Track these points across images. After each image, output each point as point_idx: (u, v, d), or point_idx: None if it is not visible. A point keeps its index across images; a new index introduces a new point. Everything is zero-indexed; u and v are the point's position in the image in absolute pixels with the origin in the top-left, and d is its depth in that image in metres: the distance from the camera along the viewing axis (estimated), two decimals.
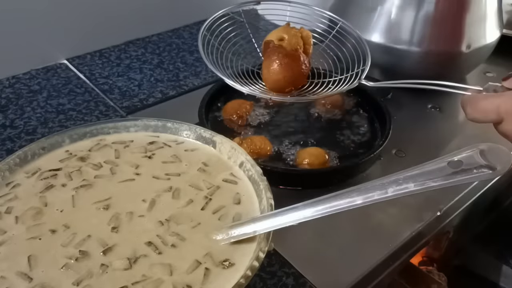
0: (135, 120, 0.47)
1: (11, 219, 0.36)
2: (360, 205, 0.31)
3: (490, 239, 0.86)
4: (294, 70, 0.55)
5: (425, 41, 0.68)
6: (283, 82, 0.55)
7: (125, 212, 0.37)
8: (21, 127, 0.64)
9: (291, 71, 0.55)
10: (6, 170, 0.40)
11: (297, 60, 0.55)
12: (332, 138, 0.62)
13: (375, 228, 0.52)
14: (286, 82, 0.55)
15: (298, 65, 0.55)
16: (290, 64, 0.54)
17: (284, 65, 0.54)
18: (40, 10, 0.73)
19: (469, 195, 0.59)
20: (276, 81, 0.55)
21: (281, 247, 0.48)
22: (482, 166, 0.28)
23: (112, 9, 0.81)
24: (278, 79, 0.55)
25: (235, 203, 0.39)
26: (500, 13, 0.73)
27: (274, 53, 0.55)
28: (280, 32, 0.60)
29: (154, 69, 0.79)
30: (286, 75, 0.54)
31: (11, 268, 0.33)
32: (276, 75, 0.55)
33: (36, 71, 0.76)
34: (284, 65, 0.54)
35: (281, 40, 0.59)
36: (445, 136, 0.68)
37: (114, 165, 0.42)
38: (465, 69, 0.76)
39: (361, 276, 0.47)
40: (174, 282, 0.32)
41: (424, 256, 0.77)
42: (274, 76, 0.55)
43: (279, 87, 0.56)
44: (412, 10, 0.67)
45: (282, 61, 0.54)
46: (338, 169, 0.57)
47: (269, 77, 0.56)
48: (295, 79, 0.56)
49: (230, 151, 0.44)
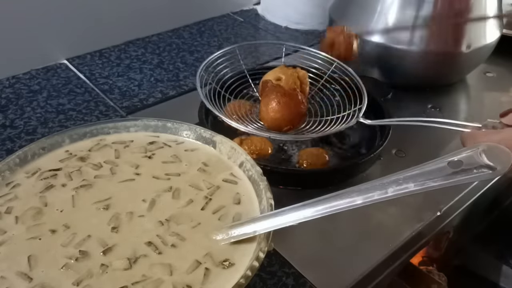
0: (135, 120, 0.47)
1: (11, 219, 0.36)
2: (360, 205, 0.31)
3: (490, 239, 0.86)
4: (292, 109, 0.56)
5: (425, 41, 0.68)
6: (281, 121, 0.56)
7: (125, 212, 0.37)
8: (21, 127, 0.64)
9: (289, 110, 0.55)
10: (6, 170, 0.40)
11: (295, 99, 0.56)
12: (332, 137, 0.62)
13: (375, 228, 0.52)
14: (285, 120, 0.56)
15: (296, 104, 0.56)
16: (288, 103, 0.55)
17: (282, 104, 0.55)
18: (40, 10, 0.73)
19: (469, 195, 0.59)
20: (275, 119, 0.56)
21: (281, 247, 0.48)
22: (482, 166, 0.28)
23: (112, 9, 0.81)
24: (276, 118, 0.56)
25: (235, 203, 0.39)
26: (500, 13, 0.73)
27: (272, 92, 0.56)
28: (277, 73, 0.62)
29: (154, 69, 0.79)
30: (284, 114, 0.55)
31: (11, 268, 0.33)
32: (274, 114, 0.55)
33: (36, 71, 0.76)
34: (283, 104, 0.55)
35: (279, 80, 0.60)
36: (445, 136, 0.68)
37: (114, 165, 0.42)
38: (465, 69, 0.76)
39: (361, 276, 0.47)
40: (174, 282, 0.32)
41: (424, 256, 0.77)
42: (273, 115, 0.56)
43: (277, 126, 0.56)
44: (412, 10, 0.67)
45: (281, 100, 0.55)
46: (338, 169, 0.57)
47: (268, 116, 0.56)
48: (293, 118, 0.56)
49: (230, 151, 0.44)
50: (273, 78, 0.61)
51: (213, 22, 0.96)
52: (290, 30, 0.96)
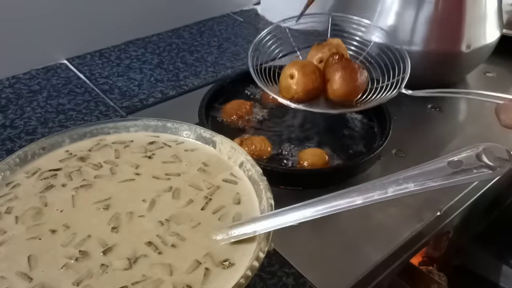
0: (135, 120, 0.47)
1: (11, 219, 0.36)
2: (360, 205, 0.31)
3: (490, 239, 0.86)
4: (359, 79, 0.57)
5: (425, 41, 0.68)
6: (353, 92, 0.56)
7: (125, 212, 0.37)
8: (21, 127, 0.64)
9: (357, 81, 0.56)
10: (6, 170, 0.40)
11: (360, 70, 0.57)
12: (332, 138, 0.62)
13: (375, 228, 0.52)
14: (356, 91, 0.57)
15: (361, 74, 0.57)
16: (356, 74, 0.56)
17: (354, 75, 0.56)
18: (40, 10, 0.73)
19: (469, 195, 0.59)
20: (348, 91, 0.56)
21: (281, 247, 0.48)
22: (482, 166, 0.28)
23: (112, 9, 0.81)
24: (349, 89, 0.56)
25: (235, 203, 0.39)
26: (500, 13, 0.73)
27: (347, 66, 0.56)
28: (316, 54, 0.61)
29: (154, 69, 0.79)
30: (355, 85, 0.56)
31: (11, 268, 0.33)
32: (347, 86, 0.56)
33: (36, 71, 0.76)
34: (354, 75, 0.56)
35: (321, 62, 0.60)
36: (445, 136, 0.68)
37: (114, 165, 0.42)
38: (465, 69, 0.76)
39: (361, 276, 0.47)
40: (174, 282, 0.32)
41: (424, 256, 0.77)
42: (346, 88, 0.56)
43: (349, 97, 0.57)
44: (412, 10, 0.67)
45: (359, 71, 0.56)
46: (338, 169, 0.57)
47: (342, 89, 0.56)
48: (361, 88, 0.57)
49: (230, 151, 0.44)
50: (316, 60, 0.60)
51: (213, 22, 0.96)
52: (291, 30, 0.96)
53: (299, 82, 0.55)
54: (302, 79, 0.55)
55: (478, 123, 0.71)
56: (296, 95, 0.56)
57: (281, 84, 0.57)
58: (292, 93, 0.56)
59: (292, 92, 0.56)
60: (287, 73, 0.56)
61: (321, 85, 0.57)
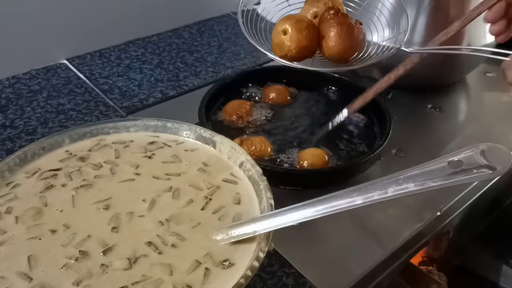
0: (135, 120, 0.47)
1: (11, 219, 0.36)
2: (360, 205, 0.31)
3: (490, 239, 0.86)
4: (356, 35, 0.54)
5: (425, 41, 0.68)
6: (350, 49, 0.53)
7: (125, 212, 0.37)
8: (21, 127, 0.64)
9: (353, 37, 0.53)
10: (6, 170, 0.40)
11: (356, 26, 0.54)
12: (332, 138, 0.62)
13: (375, 228, 0.52)
14: (352, 48, 0.53)
15: (358, 30, 0.54)
16: (352, 30, 0.53)
17: (351, 31, 0.53)
18: (40, 10, 0.73)
19: (469, 195, 0.59)
20: (345, 49, 0.53)
21: (281, 247, 0.48)
22: (482, 166, 0.28)
23: (112, 9, 0.81)
24: (345, 46, 0.53)
25: (235, 203, 0.39)
26: None
27: (343, 21, 0.52)
28: (310, 8, 0.57)
29: (154, 69, 0.79)
30: (351, 41, 0.53)
31: (11, 268, 0.33)
32: (343, 43, 0.52)
33: (36, 71, 0.76)
34: (351, 31, 0.53)
35: (316, 17, 0.56)
36: (445, 136, 0.68)
37: (114, 165, 0.42)
38: (465, 69, 0.76)
39: (361, 276, 0.47)
40: (174, 282, 0.32)
41: (424, 256, 0.77)
42: (342, 45, 0.52)
43: (345, 55, 0.53)
44: (412, 10, 0.67)
45: (356, 27, 0.53)
46: (338, 169, 0.57)
47: (338, 47, 0.52)
48: (358, 44, 0.54)
49: (230, 151, 0.44)
50: (310, 15, 0.57)
51: (213, 22, 0.96)
52: None
53: (293, 38, 0.51)
54: (295, 35, 0.51)
55: (478, 123, 0.71)
56: (289, 53, 0.52)
57: (273, 40, 0.54)
58: (285, 50, 0.52)
59: (286, 49, 0.52)
60: (280, 28, 0.52)
61: (316, 42, 0.53)
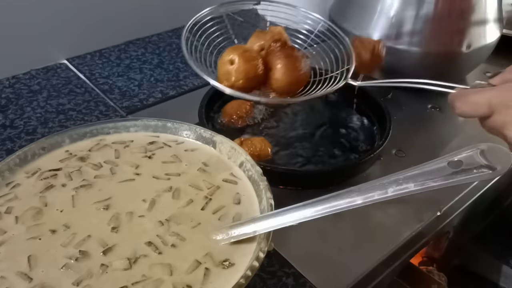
0: (135, 120, 0.47)
1: (11, 219, 0.36)
2: (360, 205, 0.31)
3: (490, 239, 0.86)
4: (302, 68, 0.53)
5: (425, 41, 0.68)
6: (297, 82, 0.53)
7: (125, 212, 0.37)
8: (21, 127, 0.64)
9: (298, 71, 0.53)
10: (6, 170, 0.40)
11: (303, 59, 0.54)
12: (332, 138, 0.63)
13: (375, 228, 0.52)
14: (299, 81, 0.53)
15: (304, 63, 0.54)
16: (298, 64, 0.53)
17: (296, 65, 0.52)
18: (40, 10, 0.73)
19: (469, 195, 0.59)
20: (293, 80, 0.52)
21: (281, 247, 0.48)
22: (482, 166, 0.28)
23: (112, 9, 0.81)
24: (295, 78, 0.52)
25: (235, 203, 0.39)
26: (500, 13, 0.73)
27: (291, 54, 0.52)
28: (257, 40, 0.57)
29: (154, 69, 0.79)
30: (297, 75, 0.52)
31: (11, 268, 0.33)
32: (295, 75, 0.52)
33: (36, 71, 0.76)
34: (296, 66, 0.52)
35: (262, 50, 0.56)
36: (445, 136, 0.68)
37: (114, 165, 0.42)
38: (465, 69, 0.76)
39: (361, 276, 0.47)
40: (174, 282, 0.32)
41: (424, 256, 0.77)
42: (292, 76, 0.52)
43: (293, 88, 0.53)
44: (412, 10, 0.67)
45: (300, 60, 0.53)
46: (338, 169, 0.57)
47: (285, 79, 0.52)
48: (305, 78, 0.54)
49: (230, 151, 0.44)
50: (257, 47, 0.56)
51: None
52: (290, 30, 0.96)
53: (240, 69, 0.50)
54: (243, 66, 0.50)
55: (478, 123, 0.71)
56: (236, 83, 0.51)
57: (219, 70, 0.53)
58: (232, 81, 0.51)
59: (232, 79, 0.51)
60: (226, 58, 0.51)
61: (263, 74, 0.52)
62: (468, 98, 0.41)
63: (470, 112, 0.41)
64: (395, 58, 0.70)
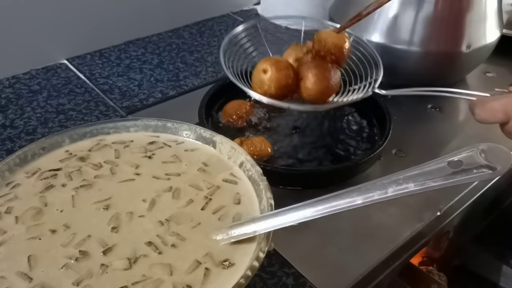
0: (135, 120, 0.47)
1: (11, 219, 0.36)
2: (360, 205, 0.31)
3: (490, 239, 0.86)
4: (333, 78, 0.56)
5: (425, 41, 0.68)
6: (327, 90, 0.55)
7: (125, 212, 0.37)
8: (21, 127, 0.64)
9: (330, 79, 0.56)
10: (6, 170, 0.40)
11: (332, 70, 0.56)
12: (332, 138, 0.63)
13: (375, 228, 0.52)
14: (329, 89, 0.55)
15: (335, 73, 0.56)
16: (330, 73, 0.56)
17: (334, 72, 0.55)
18: (40, 10, 0.73)
19: (469, 195, 0.59)
20: (321, 90, 0.55)
21: (281, 247, 0.48)
22: (482, 166, 0.28)
23: (112, 9, 0.81)
24: (323, 88, 0.55)
25: (235, 203, 0.39)
26: (500, 13, 0.73)
27: (321, 65, 0.55)
28: (293, 52, 0.60)
29: (154, 69, 0.79)
30: (329, 83, 0.55)
31: (11, 268, 0.33)
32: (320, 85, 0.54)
33: (36, 71, 0.76)
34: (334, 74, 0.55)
35: (296, 61, 0.59)
36: (445, 136, 0.68)
37: (114, 165, 0.42)
38: (465, 69, 0.76)
39: (361, 276, 0.47)
40: (174, 282, 0.32)
41: (424, 256, 0.77)
42: (319, 87, 0.55)
43: (323, 97, 0.56)
44: (412, 10, 0.67)
45: (330, 71, 0.55)
46: (338, 169, 0.57)
47: (315, 89, 0.55)
48: (336, 86, 0.57)
49: (230, 151, 0.44)
50: (292, 59, 0.59)
51: (213, 22, 0.96)
52: (290, 30, 0.96)
53: (272, 77, 0.54)
54: (275, 75, 0.53)
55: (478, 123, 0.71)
56: (269, 91, 0.54)
57: (254, 79, 0.56)
58: (265, 88, 0.54)
59: (265, 87, 0.54)
60: (260, 68, 0.55)
61: (295, 83, 0.55)
62: (486, 105, 0.43)
63: (488, 118, 0.43)
64: (395, 58, 0.70)
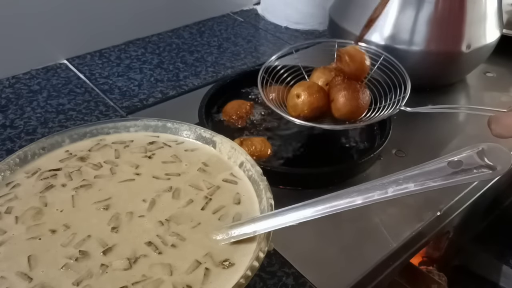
0: (135, 120, 0.47)
1: (11, 219, 0.36)
2: (360, 205, 0.31)
3: (490, 239, 0.86)
4: (361, 98, 0.60)
5: (425, 41, 0.68)
6: (357, 110, 0.59)
7: (125, 212, 0.37)
8: (21, 127, 0.64)
9: (359, 100, 0.59)
10: (6, 170, 0.40)
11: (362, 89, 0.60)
12: (332, 138, 0.63)
13: (375, 228, 0.52)
14: (359, 109, 0.59)
15: (364, 93, 0.60)
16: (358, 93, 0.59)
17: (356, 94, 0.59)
18: (40, 10, 0.73)
19: (469, 195, 0.59)
20: (353, 109, 0.59)
21: (281, 247, 0.48)
22: (482, 166, 0.28)
23: (112, 9, 0.81)
24: (354, 107, 0.58)
25: (235, 203, 0.39)
26: (500, 13, 0.73)
27: (350, 87, 0.59)
28: (322, 75, 0.63)
29: (154, 69, 0.79)
30: (357, 103, 0.58)
31: (11, 268, 0.33)
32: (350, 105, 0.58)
33: (36, 71, 0.76)
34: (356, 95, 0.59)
35: (326, 85, 0.62)
36: (445, 136, 0.68)
37: (114, 165, 0.42)
38: (465, 69, 0.76)
39: (361, 276, 0.47)
40: (174, 282, 0.32)
41: (424, 256, 0.77)
42: (349, 107, 0.58)
43: (352, 116, 0.59)
44: (412, 10, 0.67)
45: (361, 90, 0.59)
46: (338, 169, 0.57)
47: (345, 108, 0.58)
48: (364, 106, 0.60)
49: (230, 151, 0.44)
50: (321, 82, 0.63)
51: (213, 22, 0.96)
52: (290, 30, 0.97)
53: (305, 101, 0.58)
54: (308, 98, 0.58)
55: (478, 123, 0.71)
56: (302, 113, 0.59)
57: (288, 103, 0.61)
58: (298, 111, 0.59)
59: (299, 110, 0.59)
60: (294, 93, 0.59)
61: (326, 104, 0.60)
62: (501, 121, 0.44)
63: (504, 133, 0.44)
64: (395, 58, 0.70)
